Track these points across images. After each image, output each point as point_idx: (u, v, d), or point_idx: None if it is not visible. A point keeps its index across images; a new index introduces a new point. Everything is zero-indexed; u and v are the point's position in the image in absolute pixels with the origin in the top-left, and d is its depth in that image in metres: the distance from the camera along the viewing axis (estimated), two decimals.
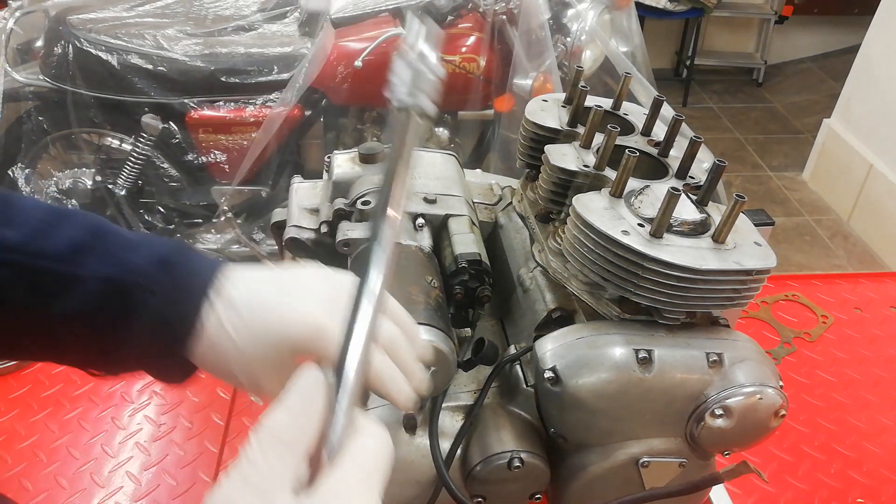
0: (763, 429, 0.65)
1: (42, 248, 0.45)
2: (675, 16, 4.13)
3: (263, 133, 2.10)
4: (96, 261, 0.46)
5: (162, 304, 0.46)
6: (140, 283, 0.46)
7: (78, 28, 2.13)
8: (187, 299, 0.47)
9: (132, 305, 0.46)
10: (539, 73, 2.10)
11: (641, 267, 0.60)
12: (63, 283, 0.45)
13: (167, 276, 0.47)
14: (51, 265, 0.45)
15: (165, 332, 0.47)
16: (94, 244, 0.47)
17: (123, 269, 0.46)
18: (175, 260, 0.48)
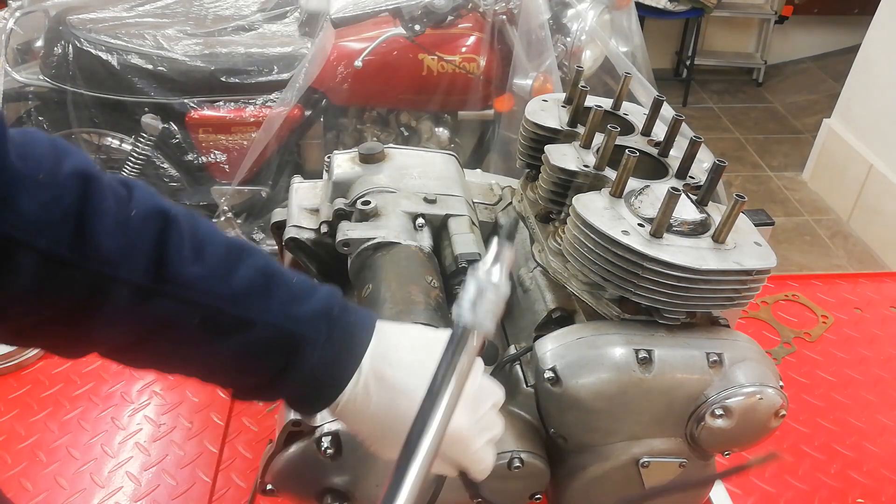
0: (763, 429, 0.65)
1: (220, 289, 0.47)
2: (675, 16, 4.13)
3: (263, 133, 2.10)
4: (268, 307, 0.48)
5: (321, 361, 0.49)
6: (307, 337, 0.48)
7: (78, 28, 2.13)
8: (343, 361, 0.50)
9: (295, 357, 0.48)
10: (539, 73, 2.10)
11: (641, 267, 0.60)
12: (237, 324, 0.47)
13: (329, 333, 0.49)
14: (226, 307, 0.47)
15: (317, 387, 0.50)
16: (266, 289, 0.48)
17: (292, 321, 0.48)
18: (336, 315, 0.50)
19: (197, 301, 0.46)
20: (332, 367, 0.50)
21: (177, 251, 0.45)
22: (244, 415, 0.99)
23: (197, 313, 0.46)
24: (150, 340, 0.46)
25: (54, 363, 1.06)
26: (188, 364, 0.50)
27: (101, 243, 0.43)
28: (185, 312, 0.46)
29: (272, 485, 0.67)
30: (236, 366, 0.49)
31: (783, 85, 4.56)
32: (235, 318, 0.47)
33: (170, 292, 0.45)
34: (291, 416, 0.64)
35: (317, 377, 0.49)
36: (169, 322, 0.46)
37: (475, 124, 2.34)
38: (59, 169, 0.42)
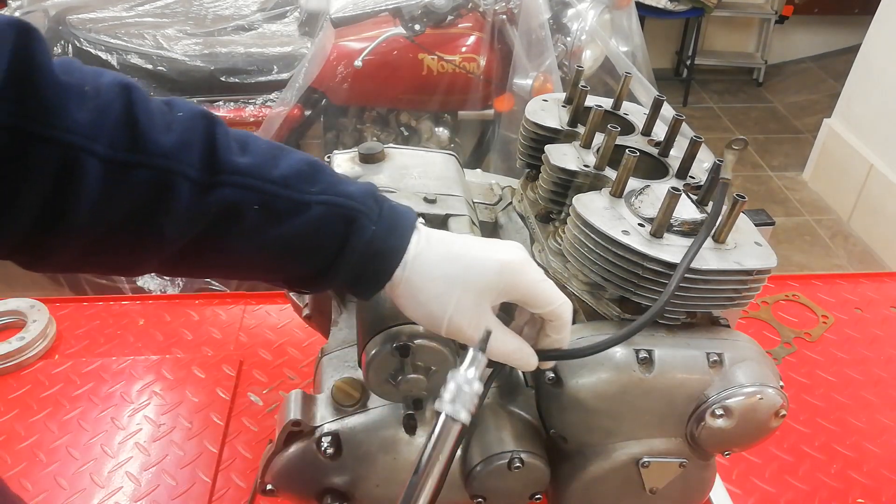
0: (763, 429, 0.65)
1: (272, 175, 0.49)
2: (675, 15, 4.13)
3: (263, 133, 2.10)
4: (319, 189, 0.51)
5: (377, 233, 0.52)
6: (361, 209, 0.52)
7: (78, 28, 2.13)
8: (399, 231, 0.53)
9: (353, 230, 0.51)
10: (539, 73, 2.10)
11: (641, 267, 0.60)
12: (293, 206, 0.50)
13: (378, 207, 0.53)
14: (282, 190, 0.49)
15: (377, 258, 0.52)
16: (313, 174, 0.51)
17: (344, 197, 0.51)
18: (380, 196, 0.54)
19: (252, 186, 0.48)
20: (389, 236, 0.52)
21: (225, 145, 0.48)
22: (244, 415, 0.99)
23: (254, 199, 0.48)
24: (215, 234, 0.48)
25: (54, 363, 1.06)
26: (251, 256, 0.51)
27: (156, 140, 0.45)
28: (243, 198, 0.48)
29: (272, 485, 0.67)
30: (298, 250, 0.51)
31: (783, 85, 4.56)
32: (291, 200, 0.49)
33: (227, 181, 0.47)
34: (291, 415, 0.64)
35: (376, 247, 0.52)
36: (230, 210, 0.48)
37: (475, 124, 2.34)
38: (101, 80, 0.45)
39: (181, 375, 1.04)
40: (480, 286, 0.53)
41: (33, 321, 1.08)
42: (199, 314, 1.17)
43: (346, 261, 0.52)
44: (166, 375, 1.05)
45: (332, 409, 0.65)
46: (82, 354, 1.09)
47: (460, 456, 0.65)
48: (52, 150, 0.41)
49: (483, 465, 0.63)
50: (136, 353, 1.09)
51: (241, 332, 1.13)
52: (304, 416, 0.64)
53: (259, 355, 1.09)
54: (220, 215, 0.48)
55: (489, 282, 0.53)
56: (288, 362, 1.08)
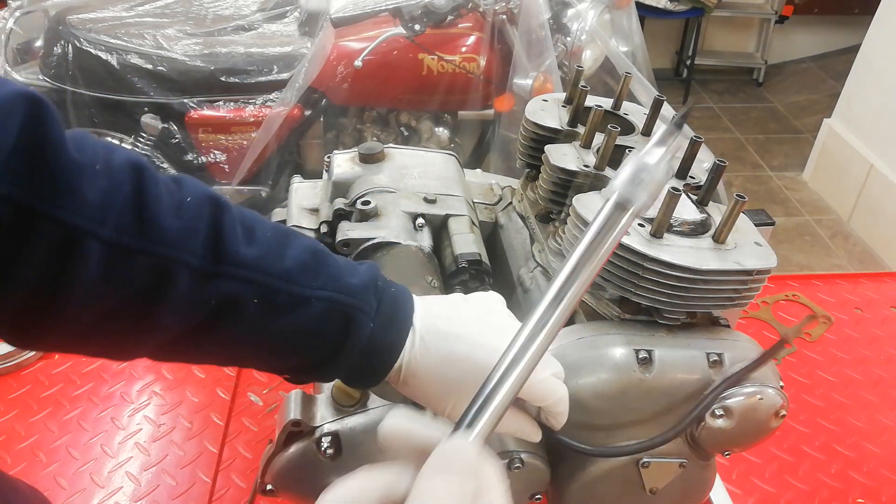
0: (763, 429, 0.65)
1: (275, 268, 0.48)
2: (675, 15, 4.13)
3: (263, 133, 2.10)
4: (320, 283, 0.50)
5: (376, 330, 0.51)
6: (360, 307, 0.50)
7: (77, 28, 2.13)
8: (397, 327, 0.52)
9: (351, 328, 0.50)
10: (539, 73, 2.10)
11: (642, 267, 0.60)
12: (293, 301, 0.49)
13: (379, 302, 0.52)
14: (283, 285, 0.48)
15: (375, 356, 0.52)
16: (317, 266, 0.50)
17: (344, 293, 0.50)
18: (381, 286, 0.53)
19: (254, 280, 0.47)
20: (387, 334, 0.51)
21: (231, 233, 0.47)
22: (244, 415, 0.99)
23: (255, 292, 0.47)
24: (212, 324, 0.47)
25: (54, 363, 1.06)
26: (248, 348, 0.50)
27: (161, 226, 0.44)
28: (244, 292, 0.47)
29: (272, 485, 0.67)
30: (296, 344, 0.50)
31: (783, 85, 4.56)
32: (291, 294, 0.48)
33: (228, 273, 0.46)
34: (291, 415, 0.64)
35: (374, 346, 0.51)
36: (229, 303, 0.47)
37: (475, 124, 2.34)
38: (112, 159, 0.43)
39: (181, 375, 1.04)
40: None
41: None
42: None
43: (344, 357, 0.51)
44: (166, 375, 1.05)
45: (332, 409, 0.65)
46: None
47: None
48: (56, 229, 0.40)
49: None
50: None
51: None
52: (304, 417, 0.64)
53: None
54: (218, 307, 0.46)
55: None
56: None
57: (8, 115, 0.38)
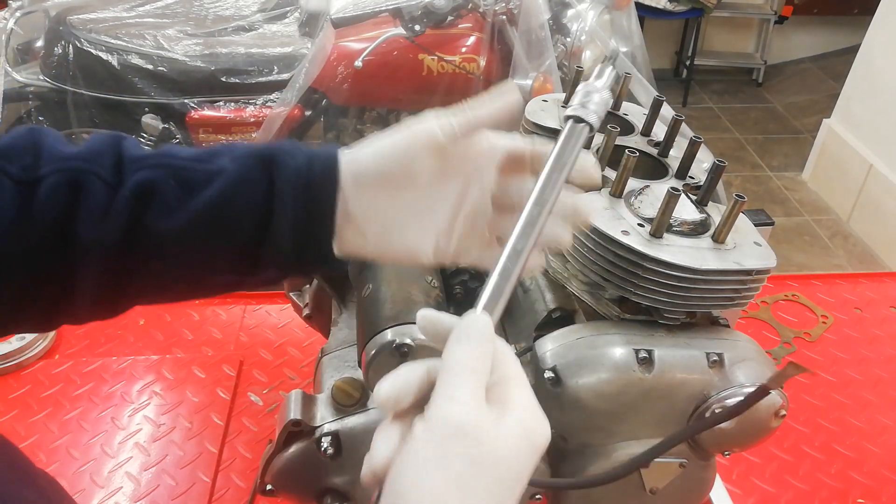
0: (763, 429, 0.65)
1: (181, 154, 0.49)
2: (674, 16, 4.13)
3: (263, 133, 2.10)
4: (233, 155, 0.49)
5: (300, 161, 0.48)
6: (279, 148, 0.49)
7: (78, 28, 2.13)
8: (325, 156, 0.49)
9: (276, 168, 0.48)
10: (539, 74, 2.10)
11: (641, 267, 0.60)
12: (209, 174, 0.48)
13: (293, 145, 0.50)
14: (192, 164, 0.48)
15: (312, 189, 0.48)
16: (224, 149, 0.50)
17: (260, 149, 0.49)
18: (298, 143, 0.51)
19: (163, 164, 0.48)
20: (315, 164, 0.48)
21: (132, 146, 0.49)
22: (244, 415, 0.99)
23: (168, 173, 0.47)
24: (139, 224, 0.46)
25: (54, 363, 1.06)
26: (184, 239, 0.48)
27: (65, 153, 0.47)
28: (157, 176, 0.47)
29: (272, 485, 0.67)
30: (230, 214, 0.48)
31: (783, 85, 4.56)
32: (206, 171, 0.48)
33: (136, 167, 0.47)
34: (291, 415, 0.64)
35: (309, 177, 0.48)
36: (147, 189, 0.47)
37: None
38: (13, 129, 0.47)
39: (181, 375, 1.05)
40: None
41: None
42: (200, 314, 1.17)
43: (281, 204, 0.47)
44: (166, 375, 1.05)
45: (333, 409, 0.65)
46: (82, 354, 1.09)
47: None
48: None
49: None
50: (136, 352, 1.09)
51: (242, 332, 1.14)
52: (304, 416, 0.64)
53: (259, 355, 1.09)
54: (137, 198, 0.46)
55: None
56: (288, 362, 1.08)
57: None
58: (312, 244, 0.49)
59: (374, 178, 0.49)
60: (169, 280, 0.51)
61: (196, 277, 0.51)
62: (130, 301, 0.51)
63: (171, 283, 0.51)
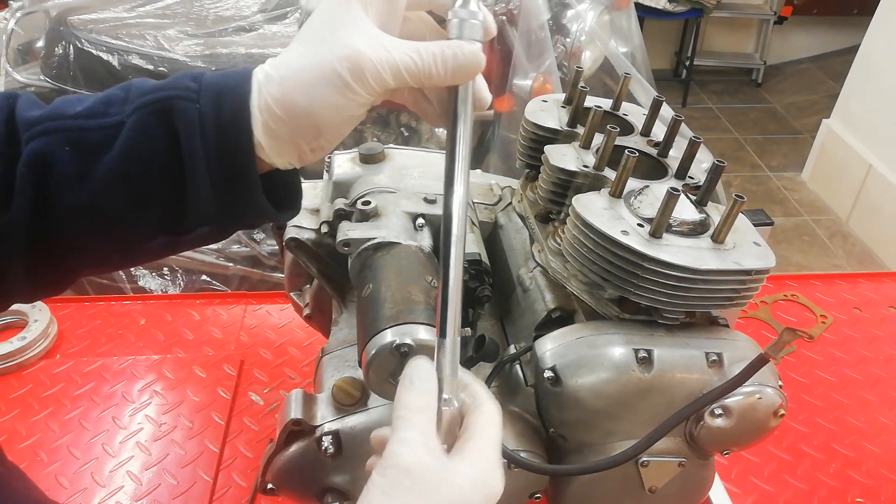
0: (762, 428, 0.65)
1: (72, 111, 0.44)
2: (674, 16, 4.14)
3: None
4: (130, 102, 0.44)
5: (205, 109, 0.43)
6: (176, 95, 0.43)
7: (79, 28, 2.13)
8: (231, 96, 0.43)
9: (177, 119, 0.43)
10: (539, 74, 2.10)
11: (641, 267, 0.60)
12: (104, 134, 0.43)
13: (197, 82, 0.44)
14: (86, 122, 0.43)
15: (222, 135, 0.43)
16: (124, 94, 0.45)
17: (155, 92, 0.44)
18: (200, 74, 0.45)
19: (53, 129, 0.43)
20: (223, 107, 0.43)
21: (24, 108, 0.44)
22: (245, 414, 0.99)
23: (60, 140, 0.42)
24: (41, 196, 0.42)
25: (55, 363, 1.06)
26: (93, 208, 0.44)
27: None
28: (48, 144, 0.42)
29: (273, 484, 0.67)
30: (133, 172, 0.43)
31: (782, 85, 4.56)
32: (102, 127, 0.43)
33: (25, 137, 0.43)
34: (292, 415, 0.64)
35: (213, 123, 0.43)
36: (42, 162, 0.42)
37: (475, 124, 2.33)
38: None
39: (182, 375, 1.05)
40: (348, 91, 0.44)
41: (34, 321, 1.09)
42: (200, 314, 1.17)
43: (193, 157, 0.43)
44: (167, 375, 1.05)
45: (333, 408, 0.65)
46: (83, 354, 1.09)
47: None
48: None
49: None
50: (137, 352, 1.09)
51: (242, 332, 1.14)
52: (304, 416, 0.64)
53: (260, 355, 1.09)
54: (33, 173, 0.42)
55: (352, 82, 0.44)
56: (288, 362, 1.08)
57: None
58: (237, 195, 0.45)
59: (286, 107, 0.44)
60: (99, 251, 0.47)
61: (126, 244, 0.47)
62: (70, 275, 0.48)
63: (102, 254, 0.47)
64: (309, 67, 0.44)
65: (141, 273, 2.06)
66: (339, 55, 0.43)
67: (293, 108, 0.44)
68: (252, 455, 0.94)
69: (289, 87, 0.44)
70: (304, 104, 0.44)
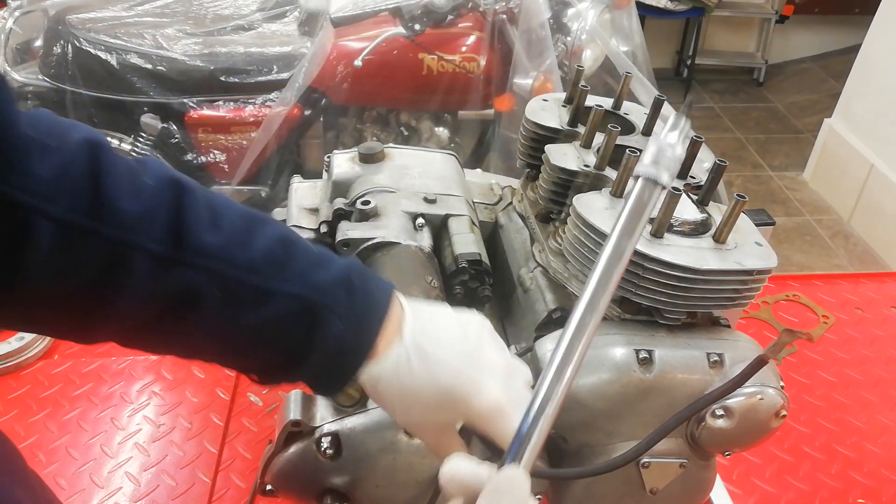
0: (764, 429, 0.65)
1: (239, 259, 0.46)
2: (675, 15, 4.13)
3: (263, 133, 2.10)
4: (287, 276, 0.47)
5: (344, 330, 0.48)
6: (328, 304, 0.48)
7: (77, 28, 2.13)
8: (366, 327, 0.49)
9: (318, 327, 0.48)
10: (539, 73, 2.10)
11: (642, 267, 0.60)
12: (257, 295, 0.47)
13: (350, 299, 0.49)
14: (246, 276, 0.46)
15: (341, 358, 0.49)
16: (285, 258, 0.48)
17: (313, 289, 0.48)
18: (355, 281, 0.50)
19: (217, 270, 0.45)
20: (356, 336, 0.49)
21: (195, 219, 0.45)
22: (244, 415, 0.99)
23: (217, 284, 0.45)
24: (172, 315, 0.45)
25: (54, 363, 1.06)
26: (211, 343, 0.48)
27: (118, 208, 0.42)
28: (206, 282, 0.45)
29: (272, 485, 0.67)
30: (259, 341, 0.48)
31: (784, 84, 4.55)
32: (255, 288, 0.46)
33: (190, 261, 0.44)
34: (291, 416, 0.64)
35: (341, 347, 0.49)
36: (191, 294, 0.45)
37: (475, 124, 2.33)
38: (69, 137, 0.42)
39: (181, 375, 1.04)
40: (447, 421, 0.51)
41: None
42: None
43: (309, 358, 0.49)
44: (166, 375, 1.05)
45: (332, 409, 0.65)
46: (82, 354, 1.08)
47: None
48: (5, 209, 0.39)
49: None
50: (135, 353, 1.09)
51: None
52: (303, 417, 0.64)
53: None
54: (179, 297, 0.45)
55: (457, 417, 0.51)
56: None
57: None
58: (319, 388, 0.53)
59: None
60: (174, 354, 0.51)
61: (216, 364, 0.52)
62: (143, 350, 0.52)
63: (191, 359, 0.53)
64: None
65: None
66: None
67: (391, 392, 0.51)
68: (251, 456, 0.93)
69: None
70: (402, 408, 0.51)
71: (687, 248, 0.61)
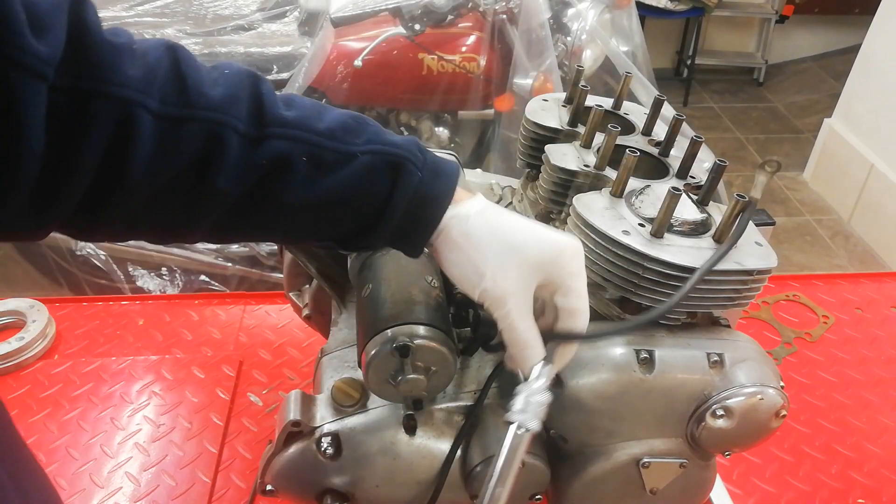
0: (764, 429, 0.65)
1: (318, 127, 0.51)
2: (675, 15, 4.13)
3: None
4: (364, 139, 0.52)
5: (424, 176, 0.52)
6: (407, 156, 0.52)
7: None
8: (444, 177, 0.54)
9: (401, 175, 0.52)
10: (539, 73, 2.10)
11: (642, 267, 0.60)
12: (340, 158, 0.51)
13: (423, 155, 0.53)
14: (328, 142, 0.50)
15: (425, 205, 0.53)
16: (358, 126, 0.53)
17: (389, 145, 0.52)
18: (423, 146, 0.54)
19: (300, 138, 0.49)
20: (436, 183, 0.53)
21: (271, 100, 0.50)
22: (244, 415, 0.99)
23: (303, 150, 0.49)
24: (267, 188, 0.49)
25: (54, 363, 1.06)
26: (303, 212, 0.51)
27: (205, 94, 0.46)
28: (292, 150, 0.49)
29: (272, 485, 0.67)
30: (349, 200, 0.52)
31: (784, 84, 4.55)
32: (337, 151, 0.50)
33: (275, 133, 0.49)
34: (291, 416, 0.64)
35: (424, 194, 0.52)
36: (281, 162, 0.49)
37: (475, 124, 2.33)
38: (147, 42, 0.47)
39: (181, 376, 1.04)
40: (533, 260, 0.54)
41: (33, 321, 1.08)
42: (199, 314, 1.17)
43: (395, 208, 0.52)
44: (166, 376, 1.05)
45: (332, 409, 0.65)
46: (82, 354, 1.08)
47: (460, 456, 0.65)
48: (109, 105, 0.42)
49: (483, 466, 0.63)
50: (135, 353, 1.09)
51: (241, 333, 1.13)
52: (303, 417, 0.64)
53: (259, 355, 1.09)
54: (270, 167, 0.48)
55: (542, 259, 0.54)
56: (288, 362, 1.08)
57: (58, 10, 0.41)
58: (400, 242, 0.55)
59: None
60: (266, 234, 0.55)
61: (289, 239, 0.58)
62: (235, 239, 0.55)
63: (267, 235, 0.56)
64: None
65: (139, 273, 2.06)
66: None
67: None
68: (251, 456, 0.93)
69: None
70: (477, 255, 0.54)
71: (687, 247, 0.61)
